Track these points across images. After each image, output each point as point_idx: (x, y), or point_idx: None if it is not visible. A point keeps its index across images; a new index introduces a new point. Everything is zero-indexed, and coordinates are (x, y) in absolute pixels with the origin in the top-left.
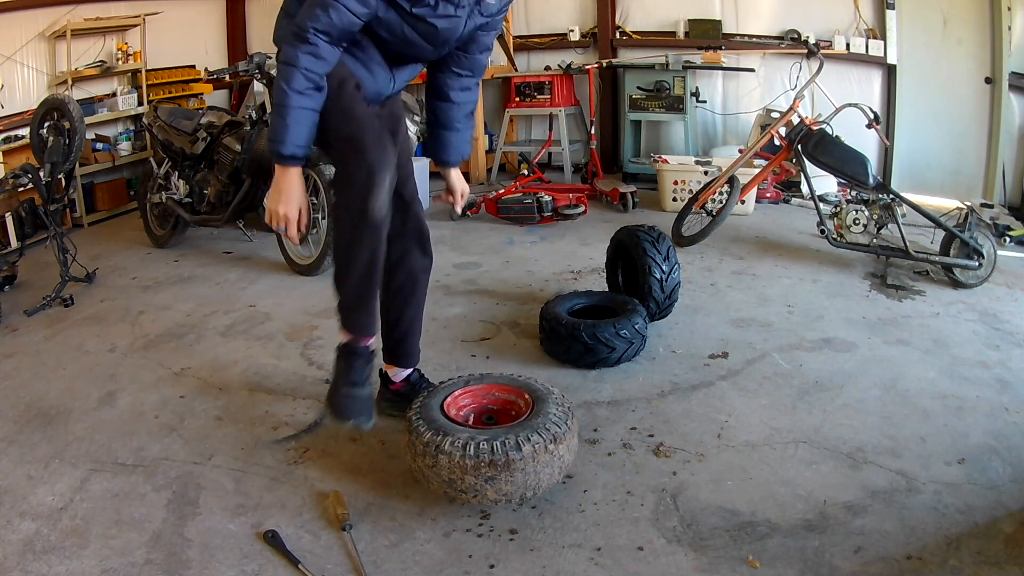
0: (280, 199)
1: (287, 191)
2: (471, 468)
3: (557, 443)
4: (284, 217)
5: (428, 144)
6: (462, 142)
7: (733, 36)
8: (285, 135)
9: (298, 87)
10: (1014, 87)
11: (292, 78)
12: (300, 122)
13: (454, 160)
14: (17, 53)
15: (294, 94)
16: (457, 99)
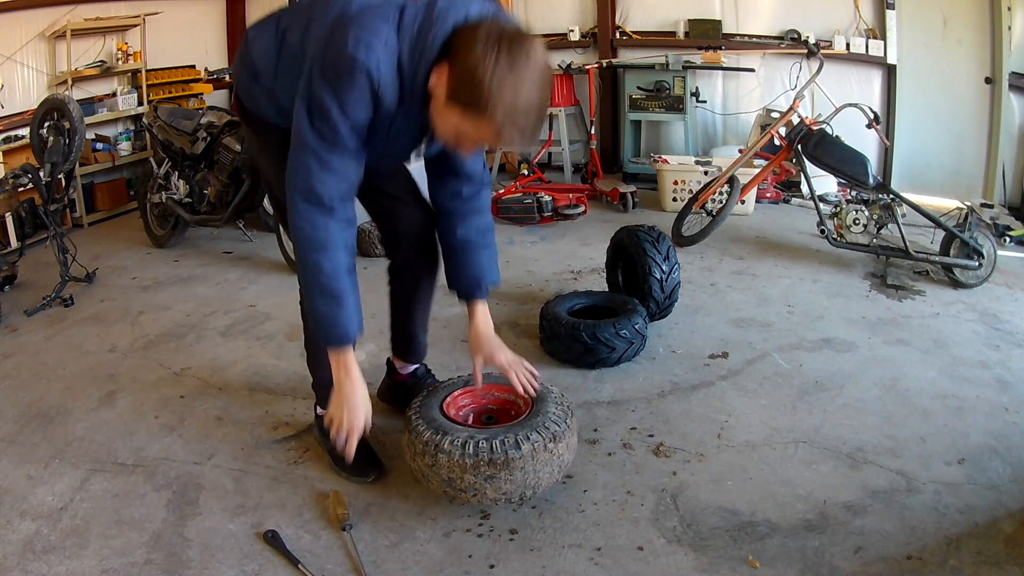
0: (343, 402)
1: (349, 391)
2: (470, 467)
3: (556, 442)
4: (350, 426)
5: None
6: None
7: (733, 36)
8: (320, 324)
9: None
10: (1014, 87)
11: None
12: (346, 302)
13: (466, 287)
14: (17, 53)
15: (327, 280)
16: (453, 207)
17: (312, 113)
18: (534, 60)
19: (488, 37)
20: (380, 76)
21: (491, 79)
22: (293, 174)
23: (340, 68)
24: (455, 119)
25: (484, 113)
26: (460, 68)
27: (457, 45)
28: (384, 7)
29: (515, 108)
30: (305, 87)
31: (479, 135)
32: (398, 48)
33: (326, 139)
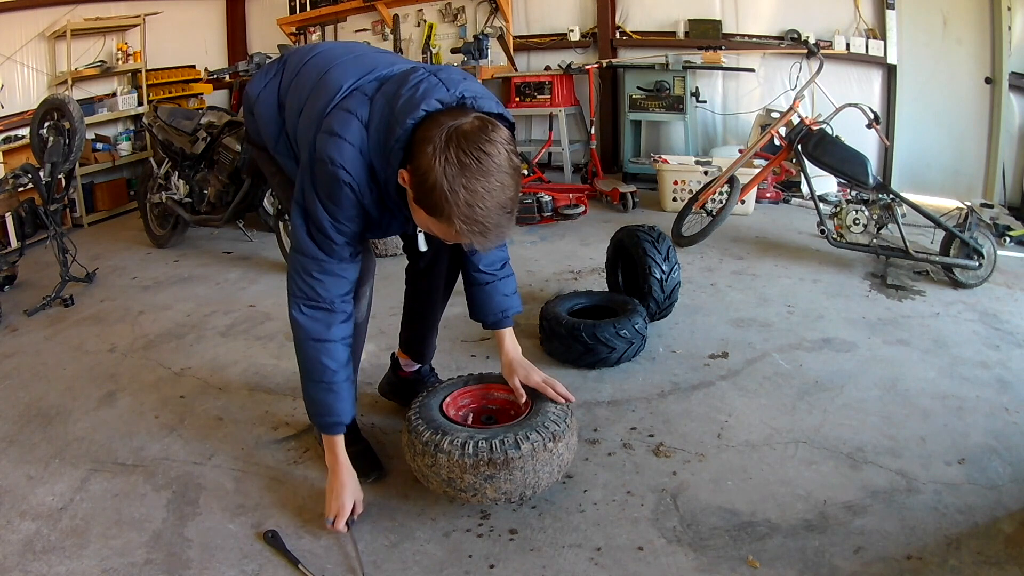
0: (333, 491)
1: (338, 478)
2: (470, 467)
3: (556, 441)
4: (339, 512)
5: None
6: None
7: (733, 36)
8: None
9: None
10: (1014, 87)
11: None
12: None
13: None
14: (17, 53)
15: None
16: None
17: (309, 224)
18: (489, 159)
19: (440, 139)
20: (359, 188)
21: (442, 185)
22: (294, 276)
23: (329, 184)
24: (423, 218)
25: (442, 217)
26: (416, 174)
27: (416, 146)
28: (353, 101)
29: (472, 212)
30: (300, 195)
31: (444, 235)
32: (368, 152)
33: (323, 249)
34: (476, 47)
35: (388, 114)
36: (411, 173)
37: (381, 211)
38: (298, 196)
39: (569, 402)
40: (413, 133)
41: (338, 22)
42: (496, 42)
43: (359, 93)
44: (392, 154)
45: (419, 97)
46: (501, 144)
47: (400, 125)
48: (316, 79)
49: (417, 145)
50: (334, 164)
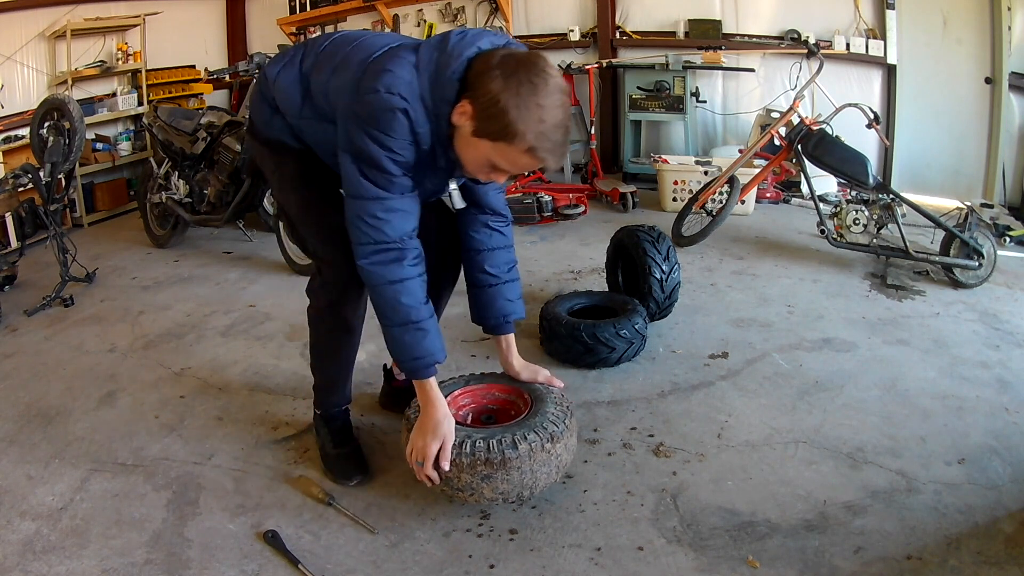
0: (425, 430)
1: (431, 418)
2: (467, 466)
3: (554, 442)
4: (422, 454)
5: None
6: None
7: (733, 36)
8: (407, 351)
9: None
10: (1014, 87)
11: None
12: (428, 327)
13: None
14: (17, 53)
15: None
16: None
17: (362, 165)
18: (552, 80)
19: (505, 65)
20: (414, 116)
21: (515, 105)
22: (356, 223)
23: (378, 115)
24: (485, 150)
25: (514, 140)
26: (483, 100)
27: (475, 77)
28: (400, 50)
29: (543, 129)
30: (346, 140)
31: (512, 162)
32: (419, 89)
33: (382, 186)
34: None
35: (439, 55)
36: (474, 102)
37: (429, 156)
38: (344, 143)
39: (562, 391)
40: (468, 69)
41: (338, 22)
42: None
43: (400, 48)
44: (447, 87)
45: (470, 38)
46: (553, 68)
47: (455, 59)
48: (347, 47)
49: (477, 77)
50: (390, 91)
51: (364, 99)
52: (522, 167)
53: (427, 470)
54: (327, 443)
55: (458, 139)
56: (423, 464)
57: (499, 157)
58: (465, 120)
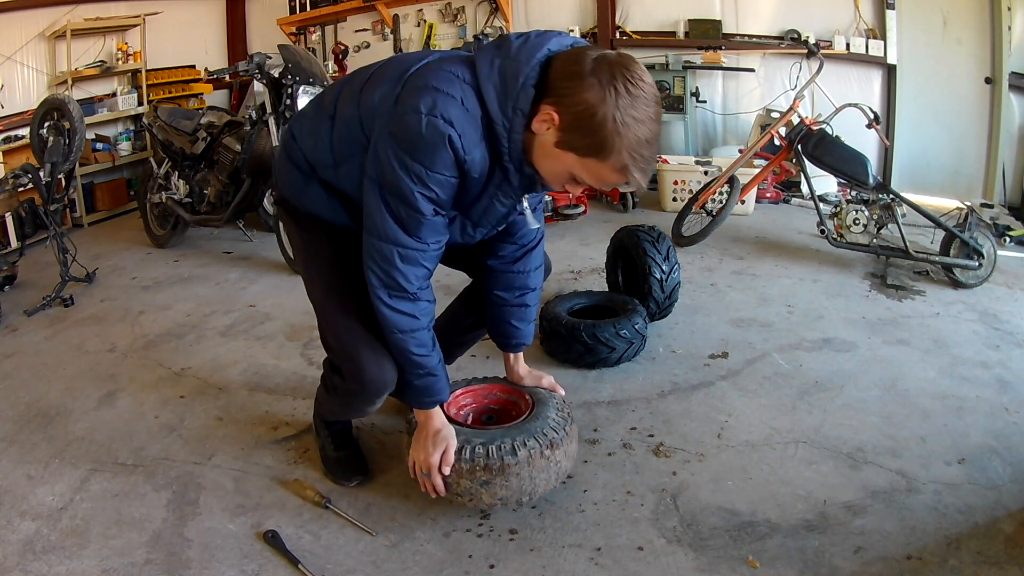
0: (422, 443)
1: (428, 432)
2: (466, 472)
3: (554, 449)
4: (424, 463)
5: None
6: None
7: (733, 36)
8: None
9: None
10: (1014, 87)
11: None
12: (438, 372)
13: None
14: (17, 53)
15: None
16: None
17: (387, 197)
18: (649, 89)
19: (599, 71)
20: (464, 144)
21: (615, 117)
22: (374, 263)
23: (417, 141)
24: (569, 163)
25: (607, 156)
26: (574, 110)
27: (560, 82)
28: (446, 63)
29: (640, 145)
30: (375, 166)
31: (598, 178)
32: (479, 106)
33: (408, 229)
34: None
35: (503, 62)
36: (562, 111)
37: (485, 183)
38: (373, 169)
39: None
40: (544, 74)
41: (338, 22)
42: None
43: (444, 61)
44: (521, 96)
45: (535, 40)
46: (648, 74)
47: (525, 63)
48: (376, 67)
49: (563, 82)
50: (433, 114)
51: (403, 119)
52: (607, 183)
53: (434, 479)
54: (327, 445)
55: (536, 147)
56: (428, 475)
57: (584, 171)
58: (548, 129)
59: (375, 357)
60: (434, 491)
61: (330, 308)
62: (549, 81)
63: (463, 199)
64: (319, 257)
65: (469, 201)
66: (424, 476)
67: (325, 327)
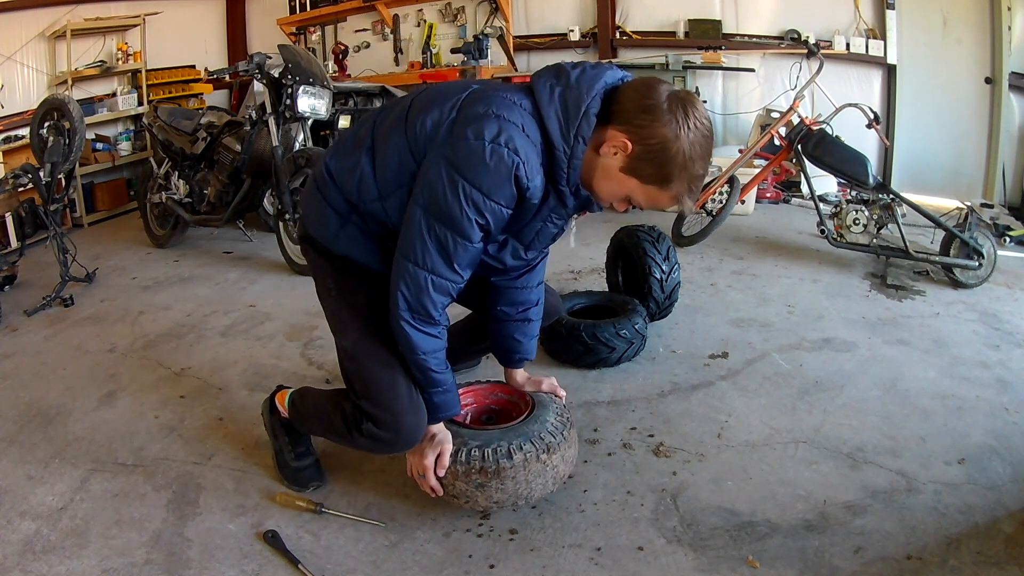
0: (420, 446)
1: (426, 436)
2: (462, 474)
3: (550, 453)
4: (420, 465)
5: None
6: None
7: (733, 36)
8: (445, 408)
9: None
10: (1014, 87)
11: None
12: (453, 388)
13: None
14: (17, 53)
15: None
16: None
17: (433, 224)
18: (709, 126)
19: (674, 107)
20: (527, 172)
21: (686, 152)
22: (405, 287)
23: (478, 169)
24: (631, 187)
25: (668, 186)
26: (649, 140)
27: (638, 113)
28: (506, 89)
29: (696, 180)
30: (425, 193)
31: (652, 201)
32: (539, 133)
33: (448, 255)
34: (476, 47)
35: (564, 91)
36: (636, 141)
37: (540, 203)
38: (421, 198)
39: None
40: (611, 103)
41: (338, 22)
42: (496, 42)
43: (498, 89)
44: (583, 124)
45: (592, 72)
46: (705, 108)
47: (586, 93)
48: (410, 99)
49: (637, 113)
50: (498, 143)
51: (465, 145)
52: (658, 207)
53: (430, 481)
54: (287, 452)
55: (598, 169)
56: (424, 476)
57: (642, 195)
58: (616, 155)
59: (413, 409)
60: (432, 492)
61: (365, 356)
62: (619, 110)
63: (517, 223)
64: (354, 303)
65: (523, 224)
66: (420, 478)
67: (356, 373)
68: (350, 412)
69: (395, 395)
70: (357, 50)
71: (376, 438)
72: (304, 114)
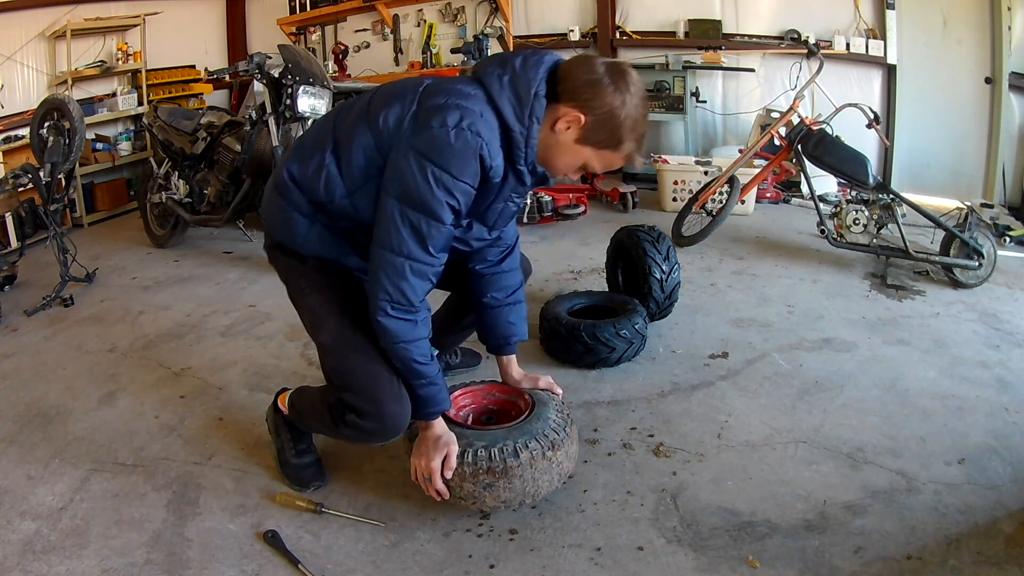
0: (422, 451)
1: (429, 438)
2: (469, 475)
3: (555, 450)
4: (426, 468)
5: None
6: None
7: (733, 36)
8: (419, 407)
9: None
10: (1014, 87)
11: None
12: (439, 381)
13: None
14: (17, 53)
15: (418, 365)
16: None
17: (407, 211)
18: (642, 87)
19: (613, 77)
20: (489, 152)
21: (627, 116)
22: (385, 275)
23: (445, 153)
24: (586, 155)
25: (619, 147)
26: (600, 112)
27: (584, 88)
28: (459, 82)
29: (641, 137)
30: (396, 183)
31: (607, 164)
32: (496, 118)
33: (422, 239)
34: (476, 47)
35: (511, 78)
36: (588, 112)
37: (500, 184)
38: (392, 188)
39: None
40: (556, 83)
41: (338, 22)
42: (496, 42)
43: (448, 81)
44: (535, 106)
45: (534, 57)
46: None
47: (533, 78)
48: (366, 98)
49: (584, 88)
50: (461, 127)
51: (430, 133)
52: (612, 167)
53: (436, 484)
54: (288, 450)
55: (553, 146)
56: (431, 480)
57: (598, 160)
58: (570, 129)
59: (395, 397)
60: (438, 495)
61: (344, 348)
62: (565, 88)
63: (479, 205)
64: (329, 300)
65: (485, 206)
66: (426, 481)
67: (337, 366)
68: (335, 405)
69: (376, 384)
70: (357, 50)
71: (360, 428)
72: (304, 114)
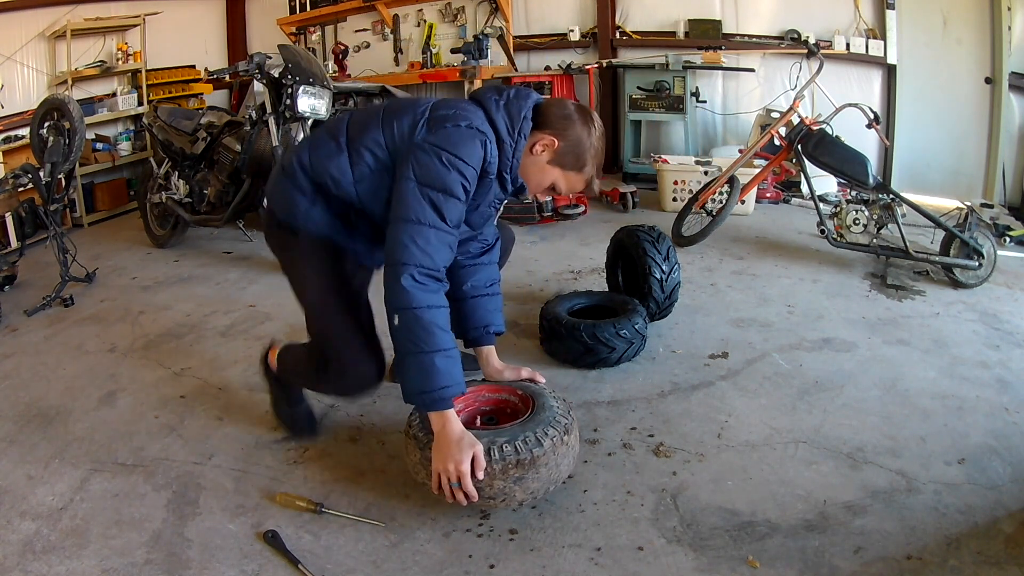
0: (445, 454)
1: (451, 440)
2: (499, 472)
3: (569, 434)
4: (456, 472)
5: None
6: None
7: (733, 36)
8: (437, 380)
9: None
10: (1014, 87)
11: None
12: (456, 355)
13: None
14: (17, 53)
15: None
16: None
17: (427, 190)
18: (600, 123)
19: (581, 115)
20: (491, 147)
21: (593, 145)
22: (409, 247)
23: (457, 142)
24: (554, 176)
25: (582, 170)
26: (569, 139)
27: (555, 120)
28: (461, 101)
29: (597, 164)
30: (416, 169)
31: (570, 186)
32: (492, 131)
33: (442, 214)
34: (476, 47)
35: (504, 103)
36: (561, 138)
37: (494, 183)
38: (412, 173)
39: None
40: (537, 116)
41: (338, 22)
42: (496, 42)
43: (455, 100)
44: (524, 126)
45: (521, 92)
46: None
47: (523, 107)
48: (378, 110)
49: (558, 120)
50: (470, 125)
51: (446, 130)
52: (575, 190)
53: (466, 487)
54: (281, 400)
55: (530, 165)
56: (461, 483)
57: (563, 181)
58: (544, 152)
59: (368, 354)
60: (466, 499)
61: (327, 305)
62: (544, 120)
63: (474, 201)
64: (318, 269)
65: (474, 207)
66: (454, 486)
67: (319, 324)
68: (317, 360)
69: (351, 344)
70: (357, 50)
71: (334, 383)
72: (304, 114)
